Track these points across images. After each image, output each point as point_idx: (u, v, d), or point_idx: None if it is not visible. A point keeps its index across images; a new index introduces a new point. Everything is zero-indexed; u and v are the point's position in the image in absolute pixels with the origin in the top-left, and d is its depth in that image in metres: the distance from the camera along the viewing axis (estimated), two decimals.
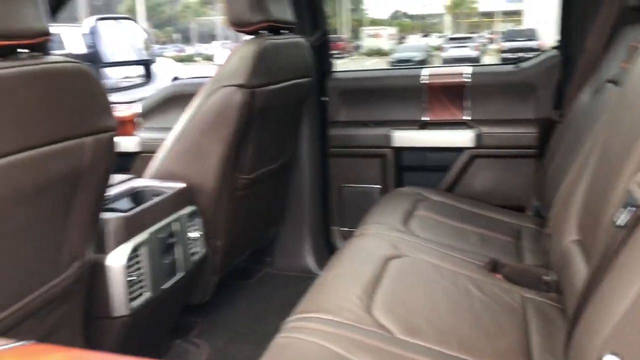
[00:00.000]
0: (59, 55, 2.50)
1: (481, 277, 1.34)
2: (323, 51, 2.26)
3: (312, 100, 2.18)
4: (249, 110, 1.58)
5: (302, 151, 2.21)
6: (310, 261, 2.25)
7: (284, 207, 2.23)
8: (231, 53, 1.62)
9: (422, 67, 2.27)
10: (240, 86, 1.54)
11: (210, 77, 1.63)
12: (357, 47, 40.93)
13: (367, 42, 39.26)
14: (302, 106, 2.05)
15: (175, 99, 2.30)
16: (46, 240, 1.04)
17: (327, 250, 2.25)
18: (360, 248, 1.50)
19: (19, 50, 0.90)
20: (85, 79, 1.01)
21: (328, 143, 2.27)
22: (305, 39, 2.00)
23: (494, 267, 1.40)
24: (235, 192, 1.70)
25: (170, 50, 41.43)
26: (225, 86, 1.55)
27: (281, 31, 1.81)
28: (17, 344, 0.49)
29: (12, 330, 0.96)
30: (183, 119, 1.62)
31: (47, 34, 0.92)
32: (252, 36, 1.67)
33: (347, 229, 2.28)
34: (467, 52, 21.46)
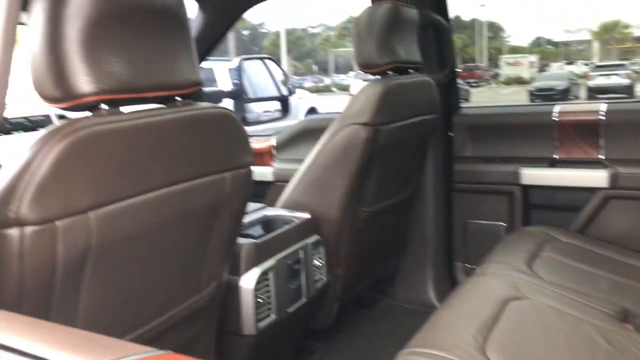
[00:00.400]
0: (211, 90, 2.77)
1: (609, 326, 1.27)
2: (451, 88, 2.28)
3: (437, 135, 2.21)
4: (372, 147, 1.65)
5: (426, 185, 2.23)
6: (431, 295, 2.25)
7: (407, 240, 2.27)
8: (357, 93, 1.71)
9: (553, 104, 2.21)
10: (364, 124, 1.63)
11: (339, 113, 1.74)
12: (495, 76, 39.70)
13: (505, 71, 37.92)
14: (427, 142, 2.09)
15: (307, 133, 2.44)
16: (189, 262, 1.18)
17: (449, 285, 2.24)
18: (480, 286, 1.50)
19: (176, 98, 1.06)
20: (229, 122, 1.15)
21: (453, 178, 2.28)
22: (432, 77, 2.05)
23: (625, 316, 1.32)
24: (357, 224, 1.78)
25: (309, 81, 43.26)
26: (350, 124, 1.65)
27: (408, 70, 1.88)
28: (157, 352, 0.54)
29: (155, 340, 1.10)
30: (312, 154, 1.73)
31: (199, 83, 1.07)
32: (379, 76, 1.76)
33: (470, 265, 2.25)
34: (618, 80, 19.88)
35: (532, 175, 2.12)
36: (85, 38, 0.85)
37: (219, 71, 7.90)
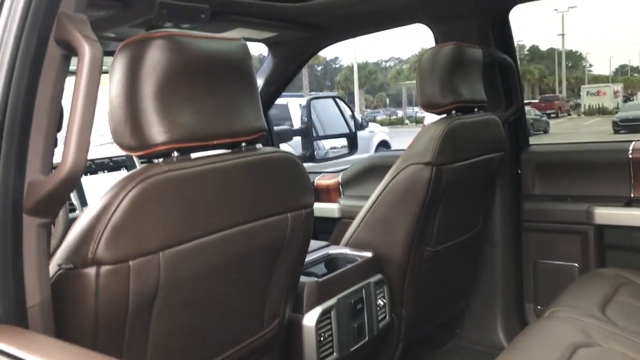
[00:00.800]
0: (281, 129, 2.87)
1: None
2: (518, 125, 2.25)
3: (506, 173, 2.17)
4: (436, 187, 1.66)
5: (494, 224, 2.20)
6: (500, 337, 2.18)
7: (475, 280, 2.22)
8: (421, 132, 1.73)
9: (627, 141, 2.13)
10: (427, 164, 1.64)
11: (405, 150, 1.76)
12: (576, 106, 38.30)
13: (587, 101, 36.50)
14: (494, 180, 2.06)
15: (373, 170, 2.47)
16: (252, 299, 1.23)
17: (519, 327, 2.17)
18: (548, 331, 1.45)
19: (242, 144, 1.12)
20: (291, 165, 1.20)
21: (522, 217, 2.23)
22: (499, 114, 2.03)
23: None
24: (422, 264, 1.77)
25: (382, 114, 43.45)
26: (413, 164, 1.66)
27: (473, 109, 1.88)
28: None
29: None
30: (375, 192, 1.76)
31: (264, 130, 1.13)
32: (442, 115, 1.78)
33: (541, 306, 2.18)
34: None
35: (606, 214, 2.04)
36: (159, 92, 0.93)
37: (293, 107, 8.13)
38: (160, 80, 0.93)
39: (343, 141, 3.30)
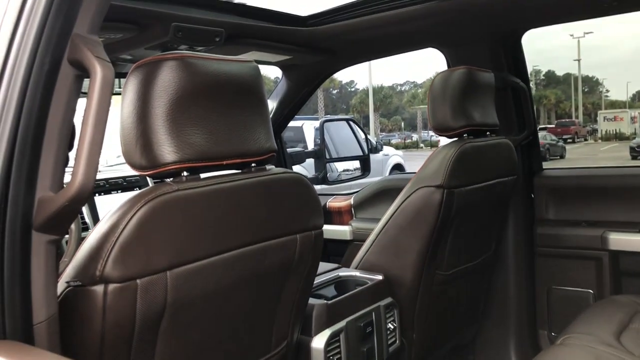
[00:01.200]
0: (294, 151, 2.89)
1: None
2: (532, 149, 2.24)
3: (519, 197, 2.16)
4: (447, 210, 1.65)
5: (507, 249, 2.17)
6: None
7: (487, 305, 2.19)
8: (432, 155, 1.73)
9: None
10: (439, 187, 1.63)
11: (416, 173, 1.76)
12: (593, 132, 38.05)
13: (603, 126, 36.28)
14: (506, 204, 2.05)
15: (385, 192, 2.47)
16: (260, 320, 1.22)
17: (532, 354, 2.12)
18: (562, 358, 1.42)
19: (252, 165, 1.13)
20: (300, 186, 1.20)
21: (535, 242, 2.20)
22: (511, 138, 2.03)
23: None
24: (433, 287, 1.76)
25: (397, 137, 43.51)
26: (424, 186, 1.66)
27: (485, 133, 1.87)
28: None
29: None
30: (386, 215, 1.75)
31: (274, 150, 1.14)
32: (454, 139, 1.77)
33: (554, 333, 2.14)
34: None
35: (621, 240, 2.01)
36: (170, 113, 0.94)
37: (308, 129, 8.19)
38: (171, 101, 0.94)
39: (356, 164, 3.31)
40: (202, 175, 1.03)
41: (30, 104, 0.76)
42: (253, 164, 1.12)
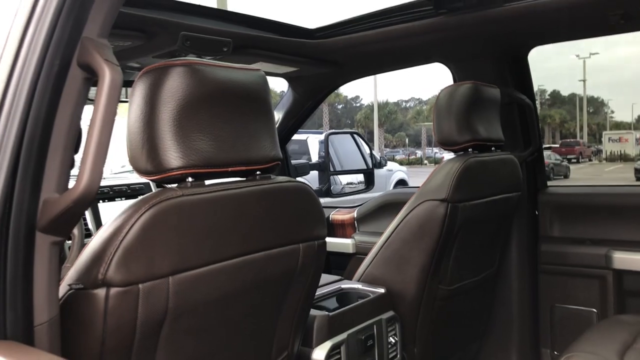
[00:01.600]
0: (298, 163, 2.88)
1: None
2: (536, 166, 2.24)
3: (523, 214, 2.15)
4: (451, 224, 1.64)
5: (510, 265, 2.16)
6: None
7: (489, 321, 2.18)
8: (436, 169, 1.73)
9: None
10: (443, 201, 1.63)
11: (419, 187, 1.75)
12: (597, 152, 38.02)
13: (608, 147, 36.26)
14: (509, 221, 2.04)
15: (389, 206, 2.46)
16: (261, 329, 1.22)
17: None
18: None
19: (257, 172, 1.13)
20: (304, 195, 1.19)
21: (539, 259, 2.19)
22: (516, 154, 2.02)
23: None
24: (435, 302, 1.74)
25: (401, 153, 43.56)
26: (428, 200, 1.66)
27: (490, 148, 1.87)
28: None
29: None
30: (389, 228, 1.75)
31: (279, 159, 1.14)
32: (459, 153, 1.77)
33: (557, 352, 2.12)
34: None
35: (626, 259, 1.99)
36: (176, 118, 0.94)
37: (312, 143, 8.20)
38: (178, 107, 0.94)
39: (360, 177, 3.31)
40: (207, 182, 1.03)
41: (38, 106, 0.76)
42: (258, 172, 1.12)
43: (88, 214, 2.00)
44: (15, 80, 0.76)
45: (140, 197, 0.94)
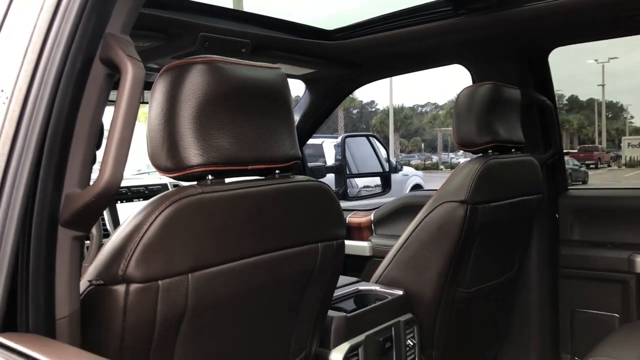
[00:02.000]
0: (315, 165, 2.87)
1: None
2: (557, 168, 2.21)
3: (543, 217, 2.12)
4: (470, 226, 1.62)
5: (530, 269, 2.13)
6: None
7: (508, 326, 2.15)
8: (456, 170, 1.71)
9: None
10: (462, 202, 1.61)
11: (437, 190, 1.74)
12: (616, 158, 37.54)
13: (627, 152, 35.79)
14: (530, 223, 2.01)
15: (406, 209, 2.44)
16: (279, 329, 1.21)
17: None
18: None
19: (276, 171, 1.12)
20: (324, 195, 1.19)
21: (559, 262, 2.16)
22: (537, 157, 2.00)
23: None
24: (454, 305, 1.72)
25: (417, 158, 43.39)
26: (447, 202, 1.64)
27: (511, 150, 1.85)
28: None
29: None
30: (408, 230, 1.73)
31: (298, 158, 1.14)
32: (479, 155, 1.75)
33: (578, 358, 2.08)
34: None
35: None
36: (196, 116, 0.94)
37: (327, 147, 8.21)
38: (199, 104, 0.94)
39: (376, 181, 3.30)
40: (226, 181, 1.03)
41: (61, 102, 0.77)
42: (277, 171, 1.11)
43: (106, 214, 2.01)
44: (39, 75, 0.76)
45: (160, 195, 0.94)
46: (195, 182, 0.99)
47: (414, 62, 2.32)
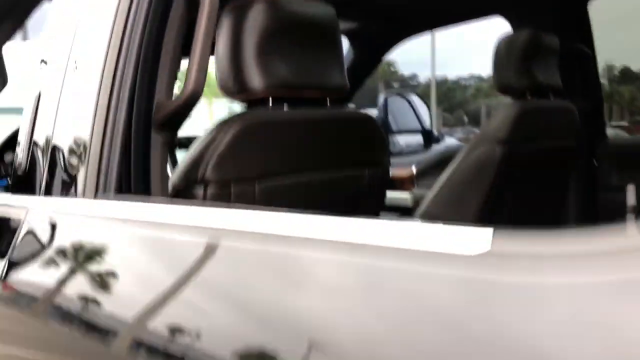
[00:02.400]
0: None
1: None
2: (595, 116, 2.26)
3: (581, 164, 2.17)
4: (507, 167, 1.70)
5: (568, 216, 2.19)
6: None
7: None
8: (495, 113, 1.79)
9: None
10: (500, 142, 1.70)
11: None
12: None
13: None
14: (566, 171, 2.07)
15: (448, 161, 2.53)
16: None
17: None
18: None
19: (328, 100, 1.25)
20: (371, 124, 1.31)
21: (598, 209, 2.22)
22: (575, 104, 2.05)
23: None
24: None
25: (460, 132, 42.57)
26: (486, 142, 1.73)
27: (549, 95, 1.91)
28: None
29: None
30: (448, 170, 1.83)
31: (347, 88, 1.26)
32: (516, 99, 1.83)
33: None
34: None
35: None
36: (258, 46, 1.08)
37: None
38: (260, 36, 1.08)
39: (418, 138, 3.38)
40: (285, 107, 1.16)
41: (150, 29, 0.92)
42: (329, 100, 1.24)
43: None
44: (134, 8, 0.92)
45: (231, 115, 1.08)
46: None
47: (453, 14, 2.38)
